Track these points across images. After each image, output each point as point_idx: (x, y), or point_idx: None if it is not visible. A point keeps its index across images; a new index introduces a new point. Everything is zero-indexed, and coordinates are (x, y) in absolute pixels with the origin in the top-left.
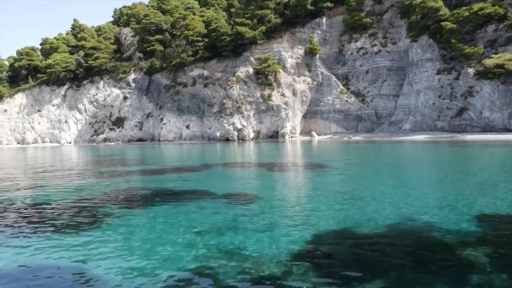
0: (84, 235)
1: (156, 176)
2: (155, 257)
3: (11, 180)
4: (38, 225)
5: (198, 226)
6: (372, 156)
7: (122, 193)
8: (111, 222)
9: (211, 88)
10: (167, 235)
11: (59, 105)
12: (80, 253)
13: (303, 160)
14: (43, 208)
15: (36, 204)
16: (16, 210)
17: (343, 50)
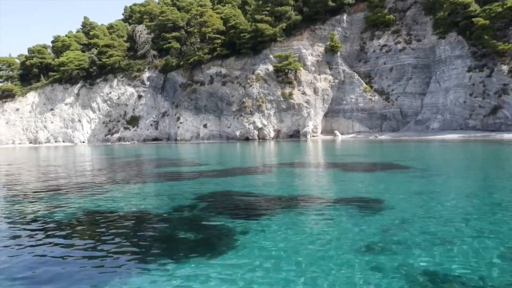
0: (218, 261)
1: (233, 178)
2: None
3: (94, 186)
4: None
5: (348, 239)
6: (435, 156)
7: (221, 201)
8: (239, 239)
9: (229, 87)
10: (320, 253)
11: (72, 104)
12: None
13: (366, 159)
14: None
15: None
16: (120, 225)
17: (364, 47)
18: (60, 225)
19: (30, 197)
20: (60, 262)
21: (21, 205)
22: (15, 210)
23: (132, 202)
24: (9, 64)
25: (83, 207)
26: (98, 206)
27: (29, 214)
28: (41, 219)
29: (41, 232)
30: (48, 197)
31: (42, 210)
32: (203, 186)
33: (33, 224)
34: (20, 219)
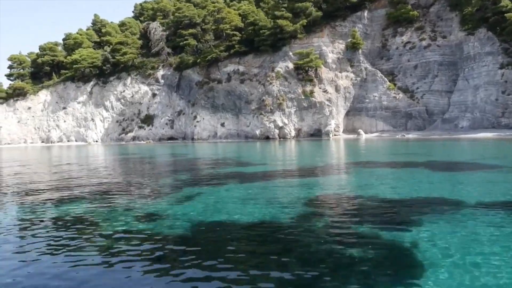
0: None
1: (313, 179)
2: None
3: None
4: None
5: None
6: (498, 155)
7: (340, 205)
8: (418, 254)
9: (248, 84)
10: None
11: (85, 103)
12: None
13: (436, 158)
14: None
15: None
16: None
17: (386, 44)
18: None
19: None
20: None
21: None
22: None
23: (243, 210)
24: (20, 62)
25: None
26: (203, 215)
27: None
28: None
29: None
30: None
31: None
32: (294, 189)
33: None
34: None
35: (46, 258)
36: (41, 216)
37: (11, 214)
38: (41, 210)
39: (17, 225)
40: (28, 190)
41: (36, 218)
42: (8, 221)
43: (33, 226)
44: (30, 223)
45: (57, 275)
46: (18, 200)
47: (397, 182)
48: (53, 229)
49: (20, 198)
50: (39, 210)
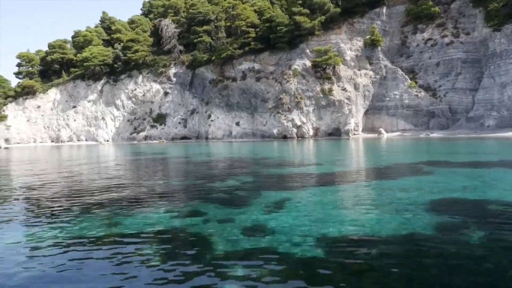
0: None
1: (402, 181)
2: None
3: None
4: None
5: None
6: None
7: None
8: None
9: (264, 82)
10: None
11: (95, 101)
12: None
13: (491, 157)
14: None
15: None
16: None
17: (406, 41)
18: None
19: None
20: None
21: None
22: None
23: (358, 218)
24: (29, 59)
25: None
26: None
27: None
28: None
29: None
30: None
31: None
32: (397, 192)
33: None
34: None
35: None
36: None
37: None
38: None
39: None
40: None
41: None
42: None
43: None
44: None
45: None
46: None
47: (505, 184)
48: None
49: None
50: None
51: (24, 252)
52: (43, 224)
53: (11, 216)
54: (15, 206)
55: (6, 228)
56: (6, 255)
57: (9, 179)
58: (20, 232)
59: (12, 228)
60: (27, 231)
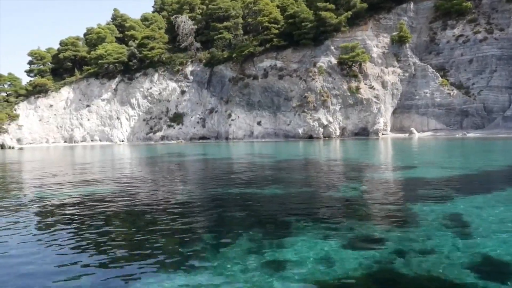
0: None
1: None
2: None
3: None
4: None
5: None
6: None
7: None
8: None
9: (287, 80)
10: None
11: (110, 100)
12: None
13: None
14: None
15: None
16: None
17: (435, 38)
18: None
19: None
20: None
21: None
22: None
23: None
24: (41, 57)
25: None
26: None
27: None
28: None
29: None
30: None
31: None
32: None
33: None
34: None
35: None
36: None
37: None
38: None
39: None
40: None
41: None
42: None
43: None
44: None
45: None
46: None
47: None
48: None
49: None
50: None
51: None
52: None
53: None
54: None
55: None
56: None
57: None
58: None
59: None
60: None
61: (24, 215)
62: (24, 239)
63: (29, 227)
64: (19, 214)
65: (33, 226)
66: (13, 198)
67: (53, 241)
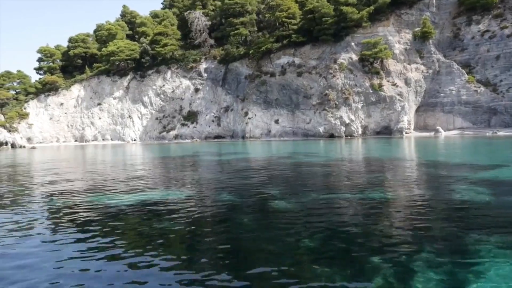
0: None
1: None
2: None
3: None
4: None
5: None
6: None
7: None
8: None
9: (306, 78)
10: None
11: (121, 98)
12: None
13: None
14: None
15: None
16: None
17: (459, 34)
18: None
19: None
20: None
21: None
22: None
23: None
24: (50, 54)
25: None
26: None
27: None
28: None
29: None
30: None
31: None
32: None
33: None
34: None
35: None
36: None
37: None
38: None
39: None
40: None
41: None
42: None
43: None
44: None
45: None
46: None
47: None
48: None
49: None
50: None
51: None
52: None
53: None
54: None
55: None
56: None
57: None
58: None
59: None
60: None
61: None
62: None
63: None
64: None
65: (68, 242)
66: (40, 207)
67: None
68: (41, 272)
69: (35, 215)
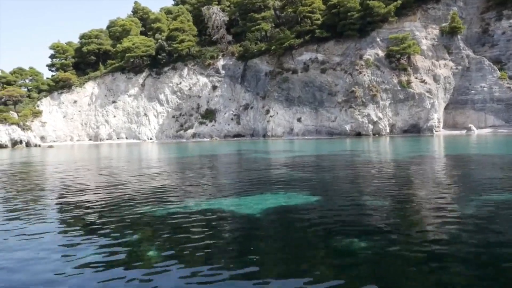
0: None
1: None
2: None
3: None
4: None
5: None
6: None
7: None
8: None
9: (331, 74)
10: None
11: (137, 96)
12: None
13: None
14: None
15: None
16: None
17: (488, 29)
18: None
19: None
20: None
21: None
22: None
23: None
24: (63, 51)
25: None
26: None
27: None
28: None
29: None
30: None
31: None
32: None
33: None
34: None
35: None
36: None
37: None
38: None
39: None
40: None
41: None
42: None
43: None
44: None
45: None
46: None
47: None
48: None
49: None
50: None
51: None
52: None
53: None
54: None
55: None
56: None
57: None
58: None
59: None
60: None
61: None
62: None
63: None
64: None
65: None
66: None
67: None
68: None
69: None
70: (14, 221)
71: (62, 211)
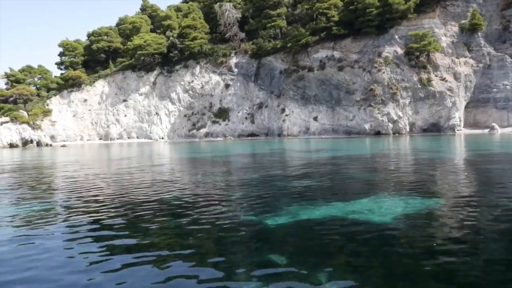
0: None
1: None
2: None
3: None
4: None
5: None
6: None
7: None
8: None
9: (348, 72)
10: None
11: (148, 94)
12: None
13: None
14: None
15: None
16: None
17: (509, 26)
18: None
19: None
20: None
21: None
22: None
23: None
24: (73, 48)
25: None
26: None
27: None
28: None
29: None
30: None
31: None
32: None
33: None
34: None
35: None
36: None
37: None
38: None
39: None
40: None
41: None
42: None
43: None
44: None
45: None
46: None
47: None
48: None
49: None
50: None
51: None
52: None
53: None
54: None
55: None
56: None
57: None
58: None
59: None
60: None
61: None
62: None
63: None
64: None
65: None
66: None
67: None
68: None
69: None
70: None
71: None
